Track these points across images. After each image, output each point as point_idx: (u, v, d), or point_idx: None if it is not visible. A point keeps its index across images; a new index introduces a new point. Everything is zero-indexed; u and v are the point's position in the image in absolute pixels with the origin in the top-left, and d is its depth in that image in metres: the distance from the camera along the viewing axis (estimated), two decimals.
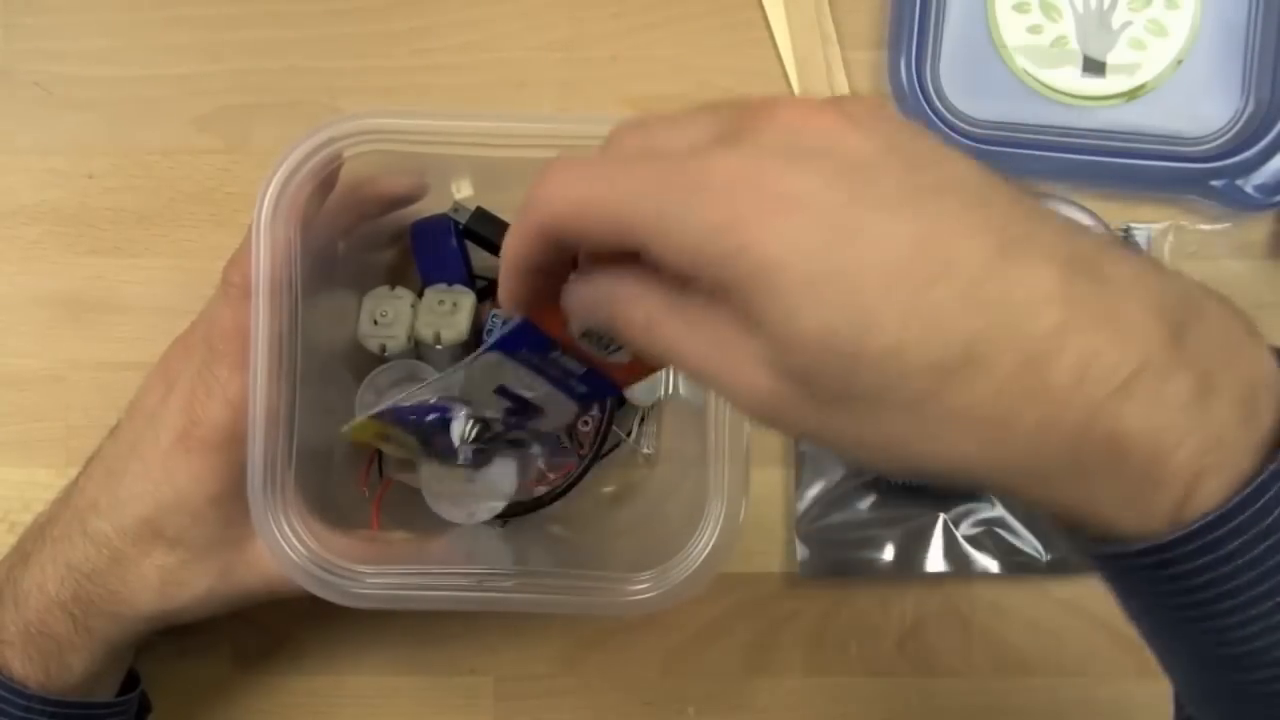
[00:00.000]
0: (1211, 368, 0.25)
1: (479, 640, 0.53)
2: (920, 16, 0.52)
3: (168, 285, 0.43)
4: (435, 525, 0.48)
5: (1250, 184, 0.52)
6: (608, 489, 0.52)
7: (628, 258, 0.28)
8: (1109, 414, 0.25)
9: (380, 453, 0.49)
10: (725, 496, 0.40)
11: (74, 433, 0.52)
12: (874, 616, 0.53)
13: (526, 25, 0.53)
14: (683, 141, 0.28)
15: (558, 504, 0.49)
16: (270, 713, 0.53)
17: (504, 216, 0.49)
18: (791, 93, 0.53)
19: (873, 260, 0.25)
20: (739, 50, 0.53)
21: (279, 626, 0.53)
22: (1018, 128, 0.53)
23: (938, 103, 0.52)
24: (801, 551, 0.52)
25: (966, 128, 0.52)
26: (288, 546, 0.40)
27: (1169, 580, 0.26)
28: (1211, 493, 0.25)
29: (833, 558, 0.52)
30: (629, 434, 0.51)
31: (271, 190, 0.39)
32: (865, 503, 0.53)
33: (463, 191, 0.49)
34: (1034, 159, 0.52)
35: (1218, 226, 0.53)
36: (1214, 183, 0.52)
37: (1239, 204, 0.52)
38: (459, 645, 0.53)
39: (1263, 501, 0.24)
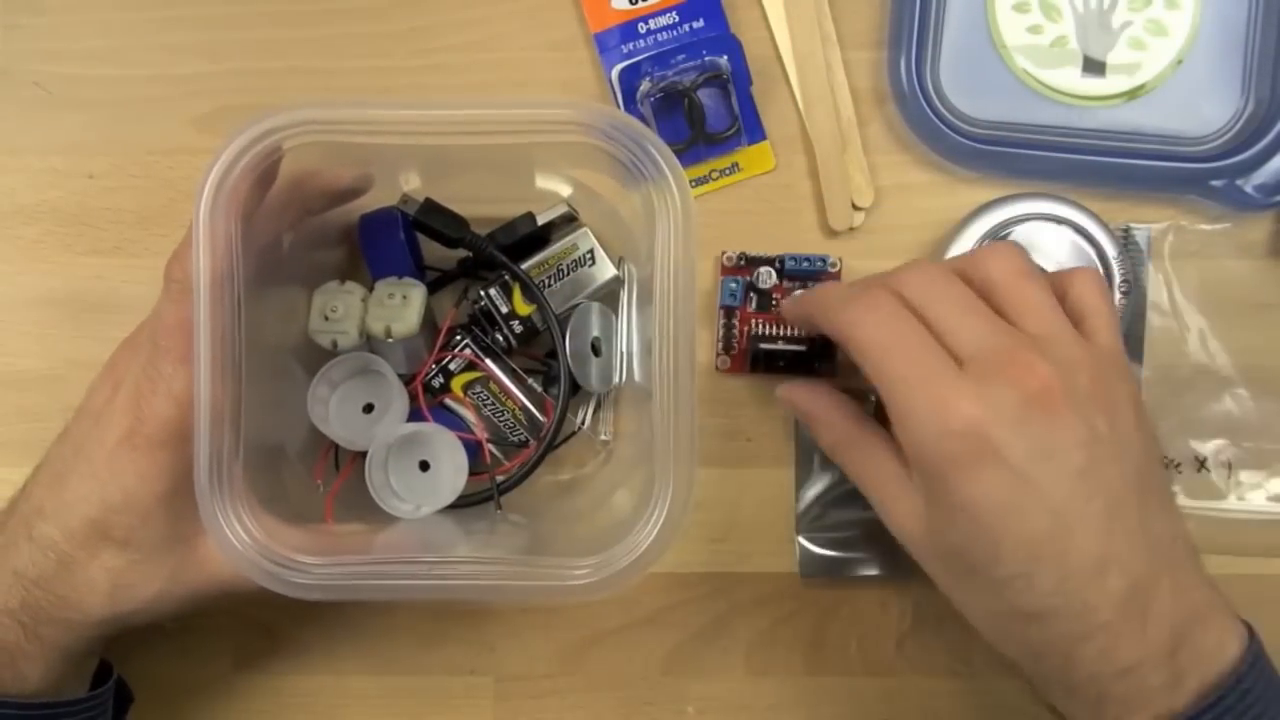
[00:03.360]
0: (1187, 669, 0.38)
1: (479, 640, 0.53)
2: (920, 16, 0.52)
3: None
4: (391, 518, 0.48)
5: (1250, 184, 0.52)
6: (565, 476, 0.52)
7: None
8: (1102, 684, 0.38)
9: (337, 445, 0.49)
10: (671, 486, 0.40)
11: None
12: (874, 616, 0.53)
13: (526, 25, 0.53)
14: (960, 342, 0.39)
15: (516, 492, 0.49)
16: (270, 713, 0.53)
17: (452, 207, 0.49)
18: (790, 89, 0.53)
19: (1020, 529, 0.37)
20: None
21: (279, 626, 0.53)
22: (1018, 128, 0.53)
23: (938, 103, 0.52)
24: (801, 551, 0.52)
25: (966, 128, 0.52)
26: (236, 540, 0.40)
27: None
28: None
29: (833, 558, 0.52)
30: (583, 422, 0.51)
31: (210, 183, 0.39)
32: (865, 503, 0.52)
33: (411, 184, 0.49)
34: (1034, 159, 0.52)
35: (1218, 226, 0.53)
36: (1214, 183, 0.52)
37: (1239, 204, 0.52)
38: (459, 645, 0.53)
39: None
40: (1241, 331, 0.53)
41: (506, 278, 0.49)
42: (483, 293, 0.49)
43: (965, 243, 0.51)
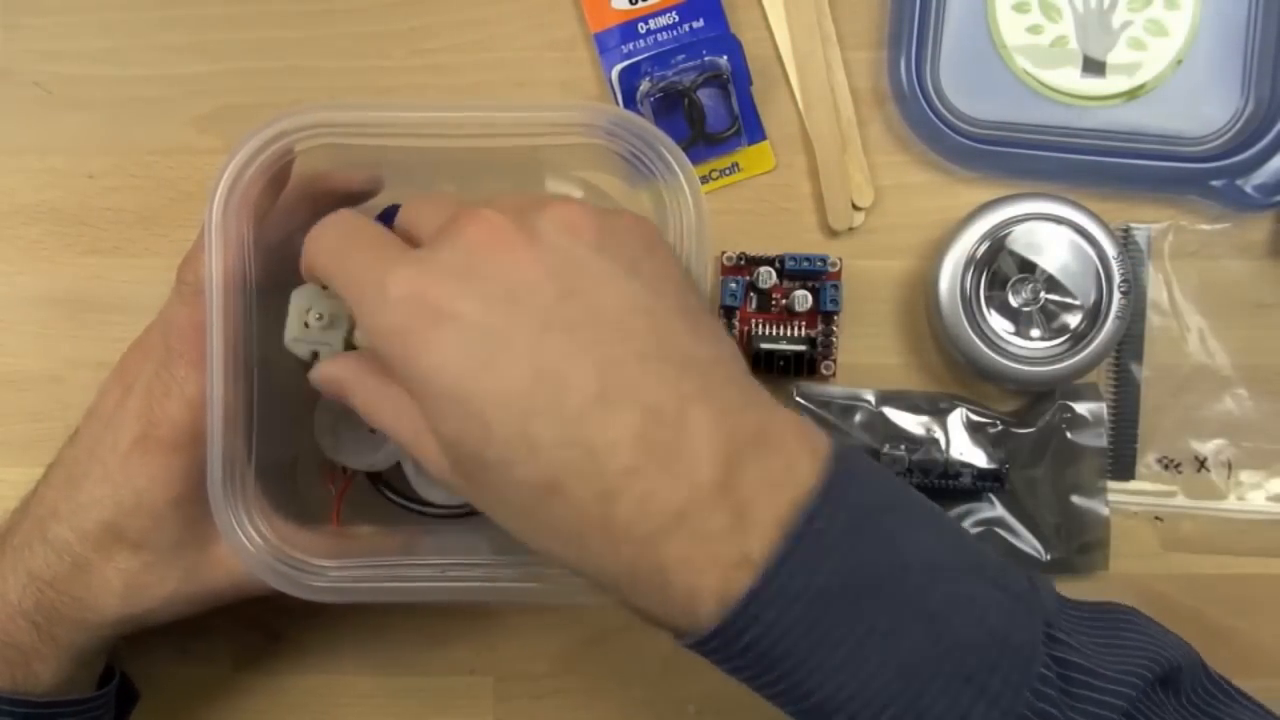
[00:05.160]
0: (750, 502, 0.31)
1: (479, 640, 0.53)
2: (920, 16, 0.52)
3: (168, 285, 0.43)
4: (403, 520, 0.48)
5: (1250, 184, 0.52)
6: None
7: None
8: (655, 547, 0.32)
9: None
10: None
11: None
12: None
13: (526, 25, 0.53)
14: (417, 228, 0.36)
15: None
16: (270, 713, 0.53)
17: None
18: (790, 89, 0.53)
19: (497, 387, 0.32)
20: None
21: (279, 626, 0.53)
22: (1018, 128, 0.53)
23: (938, 103, 0.52)
24: None
25: (966, 128, 0.52)
26: (249, 542, 0.40)
27: (721, 663, 0.34)
28: (726, 605, 0.31)
29: None
30: None
31: (222, 186, 0.39)
32: None
33: (422, 187, 0.48)
34: (1034, 159, 0.52)
35: (1218, 226, 0.53)
36: (1214, 183, 0.52)
37: (1239, 204, 0.52)
38: (459, 645, 0.53)
39: (747, 614, 0.31)
40: (1241, 331, 0.53)
41: None
42: None
43: (965, 243, 0.51)
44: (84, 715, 0.44)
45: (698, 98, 0.52)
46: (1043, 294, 0.50)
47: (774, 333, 0.52)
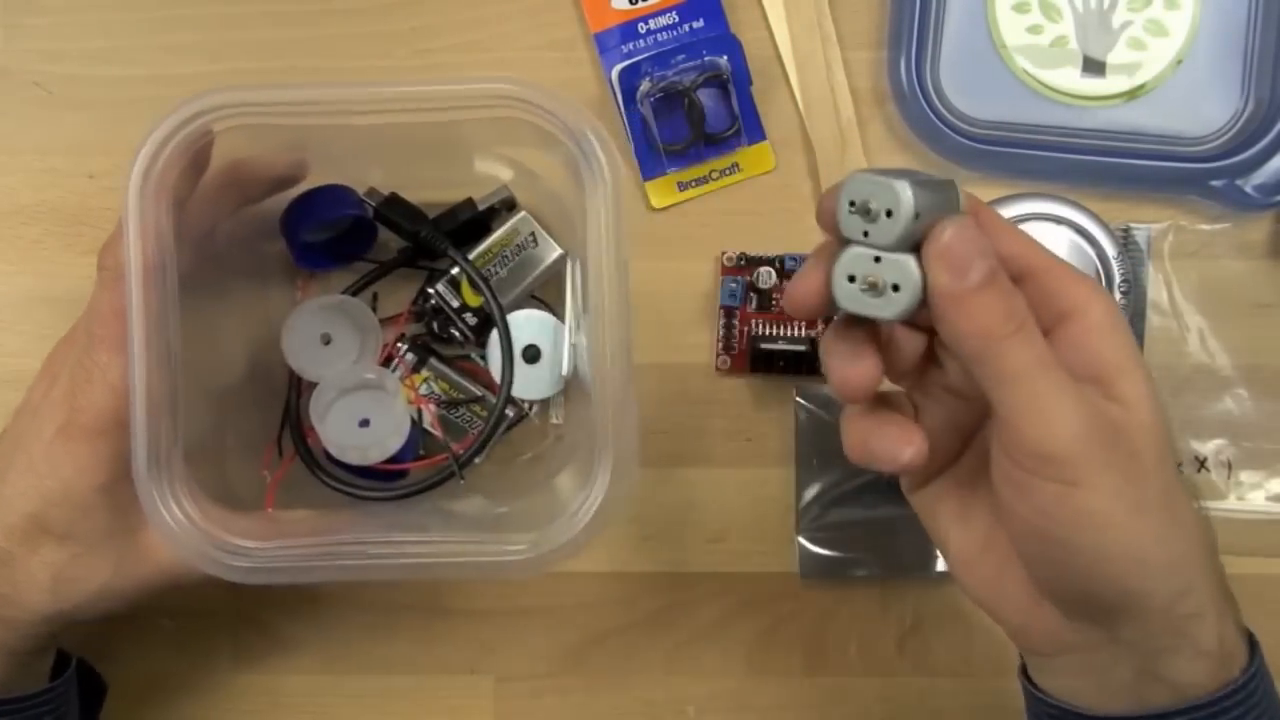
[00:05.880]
0: (1234, 646, 0.36)
1: (479, 640, 0.53)
2: (920, 16, 0.52)
3: None
4: (338, 504, 0.48)
5: (1250, 184, 0.52)
6: (526, 456, 0.52)
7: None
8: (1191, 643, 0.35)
9: (282, 432, 0.50)
10: (609, 466, 0.40)
11: None
12: (874, 616, 0.53)
13: (526, 25, 0.53)
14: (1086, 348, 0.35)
15: (474, 479, 0.50)
16: (268, 712, 0.53)
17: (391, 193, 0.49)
18: (790, 89, 0.53)
19: (1141, 544, 0.33)
20: None
21: (279, 626, 0.53)
22: (1018, 128, 0.53)
23: (938, 103, 0.52)
24: (801, 551, 0.52)
25: (966, 128, 0.52)
26: (176, 525, 0.39)
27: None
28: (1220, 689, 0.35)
29: (833, 558, 0.52)
30: (531, 406, 0.52)
31: (138, 169, 0.38)
32: (865, 503, 0.53)
33: (349, 169, 0.49)
34: (1034, 159, 0.52)
35: (1218, 226, 0.53)
36: (1214, 183, 0.52)
37: (1239, 204, 0.52)
38: (459, 645, 0.53)
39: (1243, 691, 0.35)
40: (1241, 331, 0.53)
41: (453, 271, 0.50)
42: (431, 290, 0.50)
43: None
44: (27, 714, 0.43)
45: (698, 98, 0.52)
46: None
47: (774, 333, 0.52)
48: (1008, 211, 0.51)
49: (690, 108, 0.52)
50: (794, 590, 0.53)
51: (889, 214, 0.31)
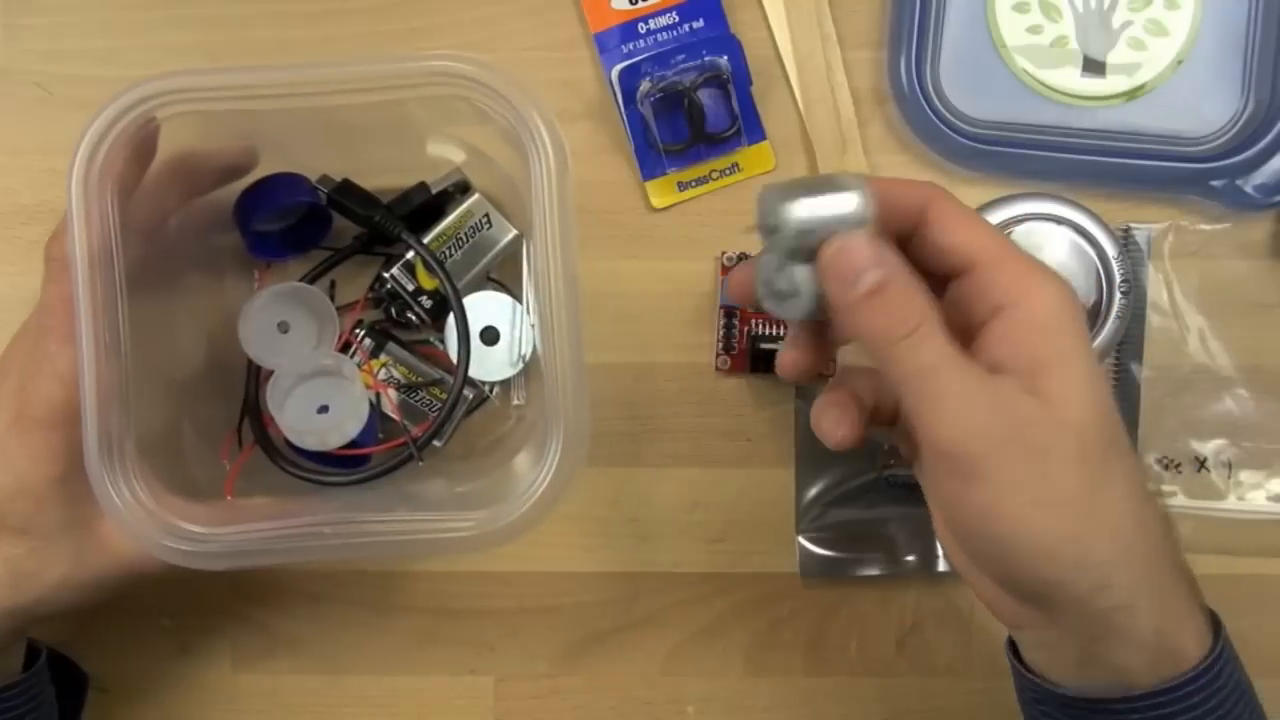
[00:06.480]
0: (1185, 639, 0.36)
1: (479, 640, 0.53)
2: (920, 16, 0.52)
3: None
4: (299, 492, 0.48)
5: (1250, 184, 0.52)
6: (488, 439, 0.52)
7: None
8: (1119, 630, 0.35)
9: (243, 421, 0.50)
10: (559, 447, 0.40)
11: None
12: (874, 616, 0.53)
13: (526, 25, 0.53)
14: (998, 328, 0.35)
15: (437, 461, 0.50)
16: (270, 712, 0.53)
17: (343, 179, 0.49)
18: (790, 89, 0.53)
19: (1053, 530, 0.34)
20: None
21: (279, 626, 0.53)
22: (1018, 128, 0.53)
23: (938, 103, 0.52)
24: (801, 551, 0.52)
25: (966, 128, 0.52)
26: (128, 511, 0.39)
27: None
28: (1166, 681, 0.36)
29: (833, 558, 0.52)
30: (492, 389, 0.52)
31: (80, 157, 0.38)
32: (865, 503, 0.53)
33: (297, 156, 0.49)
34: (1034, 159, 0.52)
35: (1218, 226, 0.53)
36: (1214, 183, 0.52)
37: (1239, 204, 0.52)
38: (459, 645, 0.53)
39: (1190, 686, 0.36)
40: (1241, 331, 0.53)
41: (408, 255, 0.50)
42: (386, 274, 0.50)
43: None
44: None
45: (698, 98, 0.52)
46: None
47: (774, 333, 0.52)
48: (1008, 211, 0.51)
49: (690, 108, 0.52)
50: (794, 590, 0.53)
51: (775, 229, 0.34)
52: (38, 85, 0.53)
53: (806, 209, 0.33)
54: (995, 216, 0.51)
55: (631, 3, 0.53)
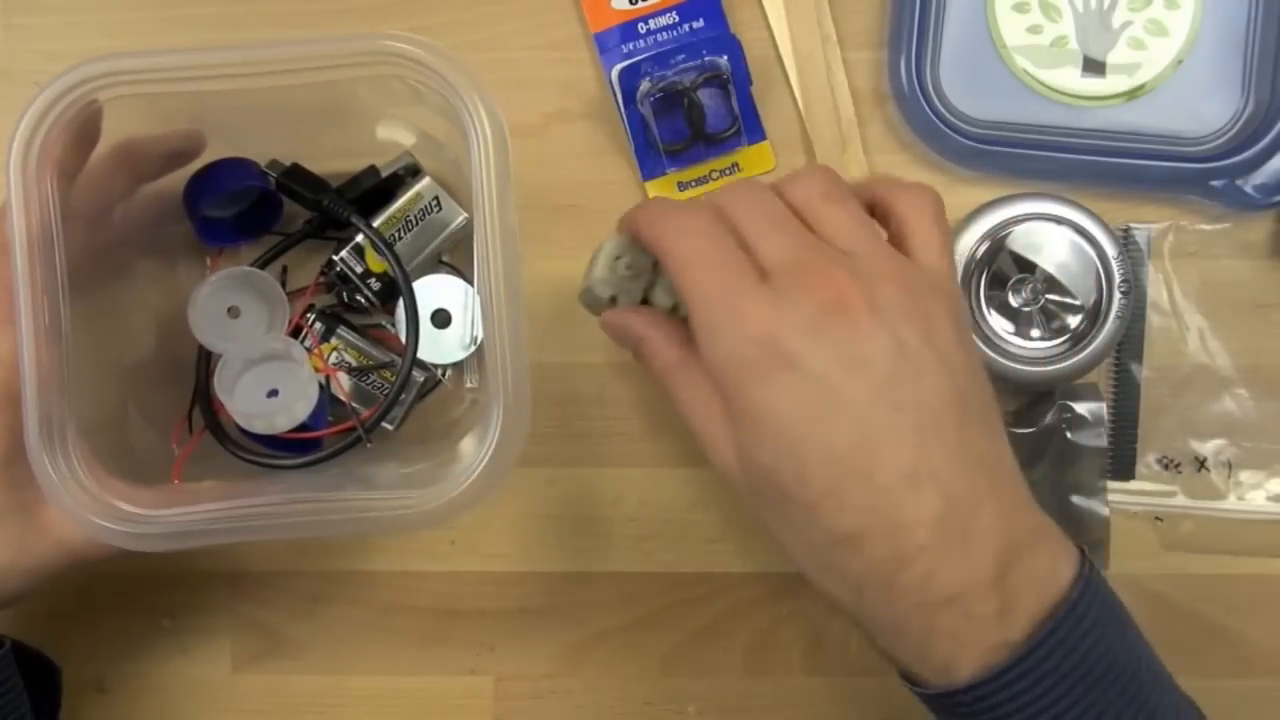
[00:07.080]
0: (1018, 595, 0.35)
1: (479, 640, 0.53)
2: (920, 16, 0.52)
3: None
4: (250, 476, 0.48)
5: (1250, 184, 0.52)
6: (440, 421, 0.52)
7: None
8: (926, 615, 0.35)
9: (193, 407, 0.50)
10: (499, 426, 0.40)
11: None
12: None
13: (526, 25, 0.53)
14: (766, 254, 0.37)
15: (393, 444, 0.50)
16: (270, 713, 0.53)
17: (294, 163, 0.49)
18: (790, 89, 0.53)
19: (822, 440, 0.35)
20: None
21: (279, 626, 0.53)
22: (1018, 128, 0.53)
23: (938, 103, 0.52)
24: None
25: (966, 128, 0.52)
26: (69, 494, 0.39)
27: (952, 714, 0.37)
28: (977, 674, 0.35)
29: None
30: (444, 372, 0.52)
31: (19, 139, 0.38)
32: None
33: (246, 142, 0.49)
34: (1034, 159, 0.52)
35: (1218, 226, 0.53)
36: (1214, 183, 0.52)
37: (1239, 204, 0.52)
38: (459, 645, 0.53)
39: (1003, 681, 0.35)
40: (1241, 331, 0.53)
41: (358, 239, 0.50)
42: (335, 257, 0.50)
43: (965, 243, 0.51)
44: None
45: (698, 98, 0.52)
46: (1043, 294, 0.50)
47: None
48: (1008, 211, 0.51)
49: (690, 108, 0.52)
50: (793, 590, 0.53)
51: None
52: (38, 85, 0.53)
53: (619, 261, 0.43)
54: (995, 216, 0.51)
55: (631, 3, 0.53)
